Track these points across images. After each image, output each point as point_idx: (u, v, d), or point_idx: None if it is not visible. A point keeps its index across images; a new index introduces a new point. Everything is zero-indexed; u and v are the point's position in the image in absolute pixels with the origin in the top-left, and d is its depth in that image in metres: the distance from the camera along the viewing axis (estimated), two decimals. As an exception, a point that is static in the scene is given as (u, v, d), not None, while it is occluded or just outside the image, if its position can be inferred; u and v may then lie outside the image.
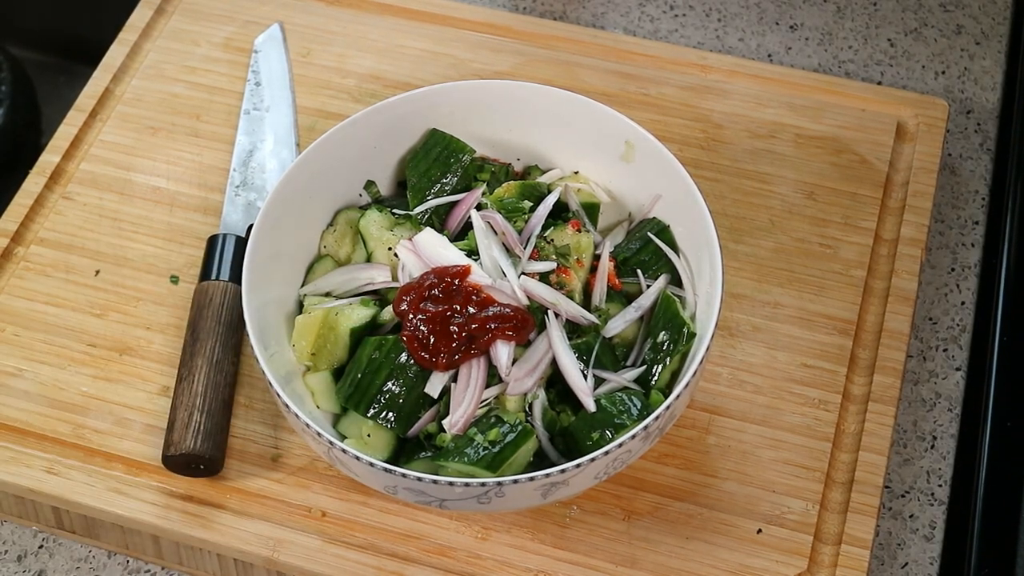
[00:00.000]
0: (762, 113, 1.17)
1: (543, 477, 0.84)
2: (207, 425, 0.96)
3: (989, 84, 1.25)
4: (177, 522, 0.96)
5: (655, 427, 0.87)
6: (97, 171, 1.14)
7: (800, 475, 0.97)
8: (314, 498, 0.97)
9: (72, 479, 0.97)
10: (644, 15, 1.31)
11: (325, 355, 0.95)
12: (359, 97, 1.19)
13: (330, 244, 1.02)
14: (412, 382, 0.92)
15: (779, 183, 1.12)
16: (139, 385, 1.02)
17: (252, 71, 1.20)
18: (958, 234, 1.16)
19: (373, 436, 0.92)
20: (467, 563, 0.94)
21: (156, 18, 1.25)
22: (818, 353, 1.03)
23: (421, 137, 1.04)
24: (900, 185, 1.13)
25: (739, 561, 0.94)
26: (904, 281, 1.07)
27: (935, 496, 1.02)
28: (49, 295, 1.07)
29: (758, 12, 1.31)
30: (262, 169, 1.13)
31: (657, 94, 1.18)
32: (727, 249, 1.08)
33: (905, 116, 1.16)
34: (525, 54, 1.21)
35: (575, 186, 1.03)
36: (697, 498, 0.97)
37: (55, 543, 1.01)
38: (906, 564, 0.99)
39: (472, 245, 0.96)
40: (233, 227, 1.08)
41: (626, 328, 0.96)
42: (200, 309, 1.02)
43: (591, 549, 0.95)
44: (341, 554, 0.95)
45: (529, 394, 0.92)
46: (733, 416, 1.00)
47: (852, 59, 1.27)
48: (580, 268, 0.98)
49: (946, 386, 1.07)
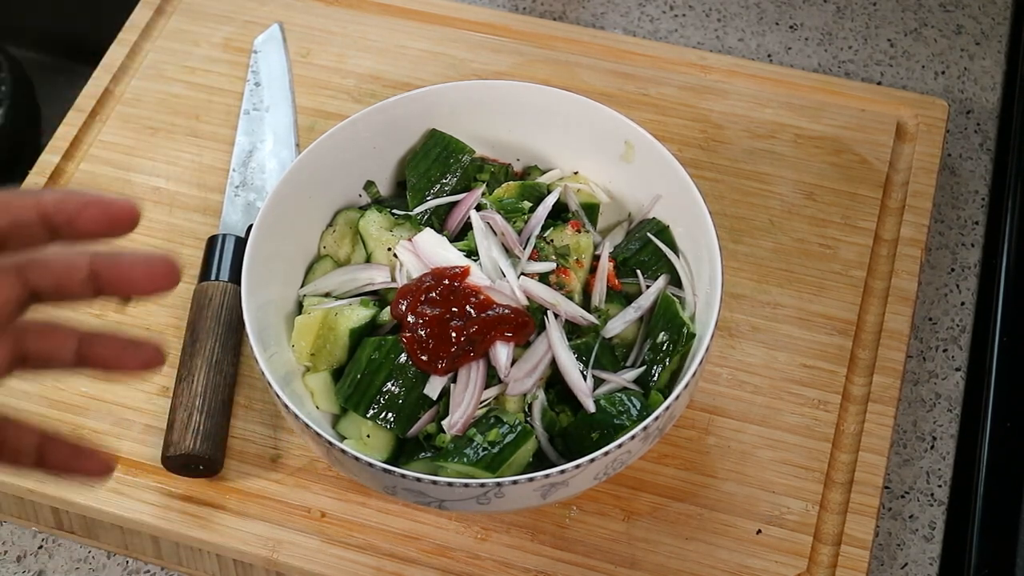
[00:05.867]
0: (762, 113, 1.17)
1: (542, 478, 0.84)
2: (206, 425, 0.96)
3: (989, 84, 1.25)
4: (176, 522, 0.96)
5: (655, 428, 0.87)
6: (97, 171, 1.14)
7: (800, 475, 0.97)
8: (313, 499, 0.97)
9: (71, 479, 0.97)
10: (644, 15, 1.31)
11: (324, 355, 0.95)
12: (359, 97, 1.18)
13: (330, 244, 1.02)
14: (412, 383, 0.92)
15: (779, 183, 1.12)
16: (138, 385, 1.02)
17: (252, 71, 1.20)
18: (958, 234, 1.16)
19: (373, 437, 0.92)
20: (467, 564, 0.94)
21: (156, 18, 1.25)
22: (818, 353, 1.03)
23: (421, 137, 1.04)
24: (900, 185, 1.13)
25: (739, 562, 0.94)
26: (904, 281, 1.07)
27: (935, 496, 1.02)
28: (49, 295, 1.07)
29: (758, 12, 1.31)
30: (262, 169, 1.13)
31: (657, 94, 1.18)
32: (727, 249, 1.08)
33: (905, 116, 1.16)
34: (524, 54, 1.21)
35: (575, 186, 1.03)
36: (697, 499, 0.97)
37: (55, 543, 1.01)
38: (906, 564, 0.99)
39: (471, 246, 0.96)
40: (233, 227, 1.08)
41: (626, 328, 0.96)
42: (199, 309, 1.02)
43: (591, 550, 0.95)
44: (340, 555, 0.95)
45: (528, 395, 0.92)
46: (732, 416, 1.00)
47: (852, 59, 1.27)
48: (580, 268, 0.97)
49: (946, 386, 1.07)
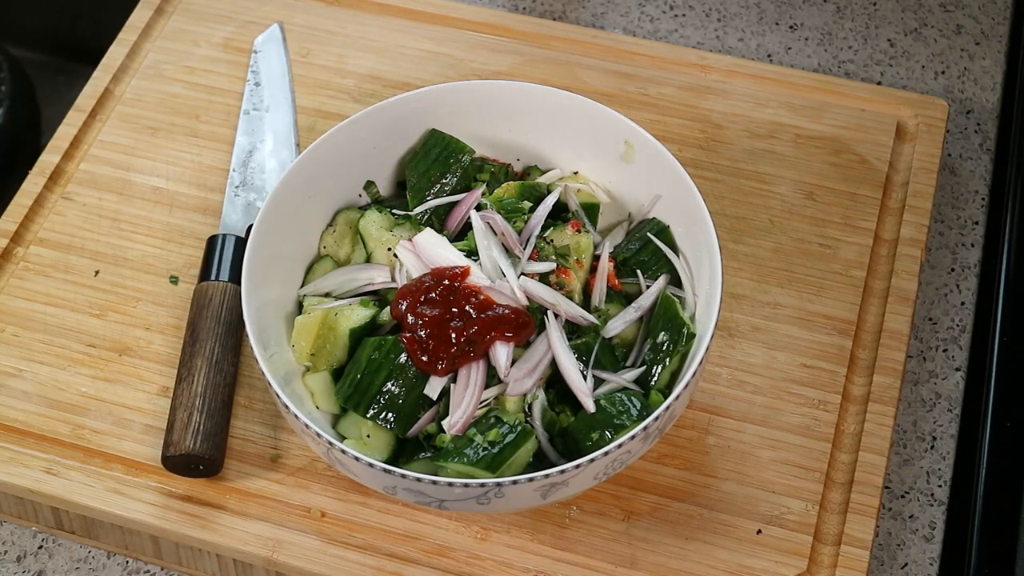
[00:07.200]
0: (762, 113, 1.17)
1: (542, 478, 0.84)
2: (206, 425, 0.96)
3: (989, 84, 1.25)
4: (176, 522, 0.96)
5: (654, 428, 0.87)
6: (97, 171, 1.14)
7: (800, 475, 0.97)
8: (313, 498, 0.97)
9: (71, 479, 0.97)
10: (644, 15, 1.31)
11: (324, 356, 0.95)
12: (359, 97, 1.18)
13: (330, 244, 1.02)
14: (412, 383, 0.92)
15: (779, 183, 1.12)
16: (138, 385, 1.02)
17: (252, 71, 1.20)
18: (958, 234, 1.16)
19: (372, 437, 0.92)
20: (466, 563, 0.94)
21: (156, 18, 1.25)
22: (818, 353, 1.03)
23: (421, 137, 1.04)
24: (900, 185, 1.13)
25: (739, 562, 0.94)
26: (904, 281, 1.07)
27: (935, 496, 1.02)
28: (48, 295, 1.07)
29: (758, 12, 1.31)
30: (262, 169, 1.13)
31: (656, 94, 1.18)
32: (727, 249, 1.08)
33: (905, 116, 1.16)
34: (524, 54, 1.21)
35: (575, 186, 1.03)
36: (697, 498, 0.97)
37: (54, 543, 1.01)
38: (906, 564, 0.99)
39: (472, 246, 0.96)
40: (233, 227, 1.08)
41: (626, 328, 0.96)
42: (200, 309, 1.02)
43: (590, 550, 0.95)
44: (340, 554, 0.95)
45: (528, 395, 0.92)
46: (732, 416, 1.00)
47: (852, 59, 1.27)
48: (580, 268, 0.97)
49: (946, 386, 1.07)
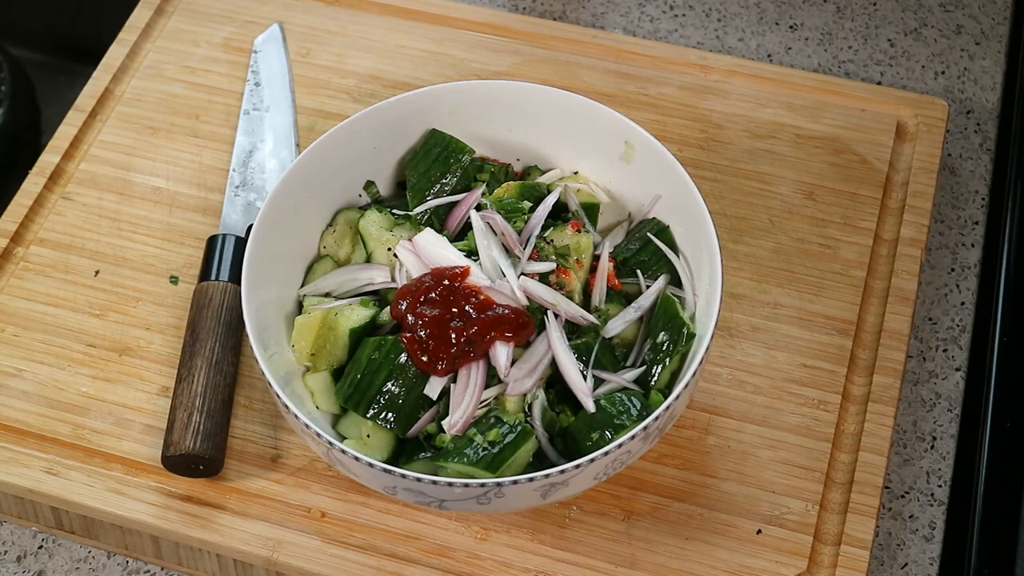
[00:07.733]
0: (762, 113, 1.17)
1: (542, 478, 0.84)
2: (206, 425, 0.96)
3: (989, 84, 1.25)
4: (176, 522, 0.96)
5: (654, 427, 0.87)
6: (97, 171, 1.14)
7: (800, 475, 0.97)
8: (313, 498, 0.97)
9: (71, 479, 0.97)
10: (644, 15, 1.31)
11: (324, 355, 0.95)
12: (359, 97, 1.18)
13: (330, 244, 1.02)
14: (412, 383, 0.92)
15: (779, 183, 1.12)
16: (138, 385, 1.02)
17: (252, 71, 1.20)
18: (958, 234, 1.16)
19: (372, 437, 0.92)
20: (466, 563, 0.94)
21: (156, 18, 1.25)
22: (818, 353, 1.03)
23: (421, 137, 1.04)
24: (900, 185, 1.13)
25: (739, 562, 0.94)
26: (904, 281, 1.07)
27: (935, 496, 1.02)
28: (48, 295, 1.07)
29: (758, 12, 1.31)
30: (262, 169, 1.13)
31: (656, 94, 1.18)
32: (727, 249, 1.08)
33: (905, 116, 1.16)
34: (524, 54, 1.21)
35: (575, 186, 1.03)
36: (697, 498, 0.97)
37: (54, 543, 1.01)
38: (906, 564, 0.99)
39: (472, 245, 0.96)
40: (233, 227, 1.08)
41: (626, 328, 0.96)
42: (199, 309, 1.02)
43: (591, 549, 0.95)
44: (340, 554, 0.95)
45: (528, 395, 0.92)
46: (732, 416, 1.00)
47: (852, 59, 1.27)
48: (580, 268, 0.97)
49: (946, 386, 1.07)
